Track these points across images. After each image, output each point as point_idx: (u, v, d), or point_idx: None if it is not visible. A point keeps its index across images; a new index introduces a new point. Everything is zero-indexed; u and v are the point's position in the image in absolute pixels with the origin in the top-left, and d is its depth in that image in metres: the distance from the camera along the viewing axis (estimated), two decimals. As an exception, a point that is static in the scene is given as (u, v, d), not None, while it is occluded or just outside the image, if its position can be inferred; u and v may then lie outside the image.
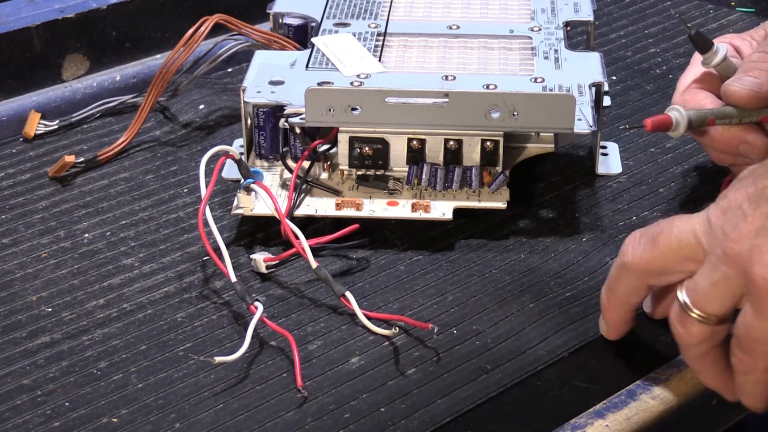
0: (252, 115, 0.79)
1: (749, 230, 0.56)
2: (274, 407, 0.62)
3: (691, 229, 0.59)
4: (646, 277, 0.62)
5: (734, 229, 0.56)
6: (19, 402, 0.62)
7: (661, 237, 0.60)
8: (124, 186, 0.82)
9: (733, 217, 0.57)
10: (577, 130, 0.75)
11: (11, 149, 0.86)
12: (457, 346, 0.66)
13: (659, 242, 0.60)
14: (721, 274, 0.57)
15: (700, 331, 0.59)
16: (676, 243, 0.59)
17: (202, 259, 0.73)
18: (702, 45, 0.76)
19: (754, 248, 0.55)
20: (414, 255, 0.74)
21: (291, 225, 0.70)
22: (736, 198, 0.57)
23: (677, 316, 0.59)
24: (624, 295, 0.63)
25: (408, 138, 0.76)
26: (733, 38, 0.82)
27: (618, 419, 0.61)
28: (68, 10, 0.93)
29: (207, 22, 0.84)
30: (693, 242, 0.59)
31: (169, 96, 0.89)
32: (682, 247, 0.59)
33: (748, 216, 0.56)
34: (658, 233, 0.60)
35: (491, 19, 0.87)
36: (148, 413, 0.61)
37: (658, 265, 0.60)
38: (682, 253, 0.59)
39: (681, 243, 0.59)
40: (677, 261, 0.60)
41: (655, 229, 0.61)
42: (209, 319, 0.68)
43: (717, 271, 0.57)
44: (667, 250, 0.60)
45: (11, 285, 0.72)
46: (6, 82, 0.91)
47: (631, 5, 1.07)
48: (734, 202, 0.57)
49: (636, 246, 0.61)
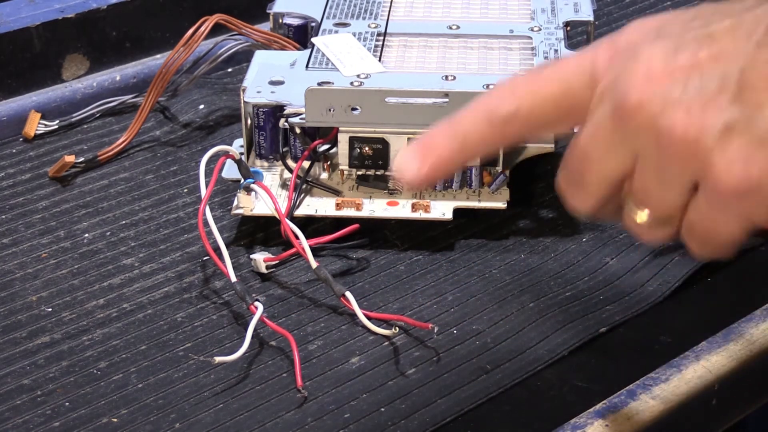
0: (252, 115, 0.79)
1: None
2: (274, 407, 0.62)
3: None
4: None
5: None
6: (19, 402, 0.62)
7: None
8: (124, 186, 0.82)
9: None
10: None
11: (11, 149, 0.86)
12: (457, 346, 0.66)
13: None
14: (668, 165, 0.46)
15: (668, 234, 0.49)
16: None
17: (202, 259, 0.73)
18: None
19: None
20: (414, 255, 0.74)
21: (291, 225, 0.70)
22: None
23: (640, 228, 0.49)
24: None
25: (408, 138, 0.76)
26: None
27: (618, 419, 0.61)
28: (68, 10, 0.93)
29: (207, 22, 0.84)
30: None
31: (169, 96, 0.89)
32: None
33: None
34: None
35: (491, 19, 0.87)
36: (148, 413, 0.61)
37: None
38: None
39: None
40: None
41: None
42: (209, 319, 0.68)
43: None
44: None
45: (11, 285, 0.72)
46: (6, 82, 0.91)
47: (631, 5, 1.07)
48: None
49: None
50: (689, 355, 0.65)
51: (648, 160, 0.46)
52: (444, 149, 0.50)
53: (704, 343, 0.66)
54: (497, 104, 0.49)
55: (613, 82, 0.47)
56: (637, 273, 0.71)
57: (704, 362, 0.64)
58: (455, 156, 0.50)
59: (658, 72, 0.45)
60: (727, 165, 0.44)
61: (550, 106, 0.49)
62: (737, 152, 0.44)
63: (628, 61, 0.46)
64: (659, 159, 0.46)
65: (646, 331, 0.67)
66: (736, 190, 0.44)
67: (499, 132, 0.50)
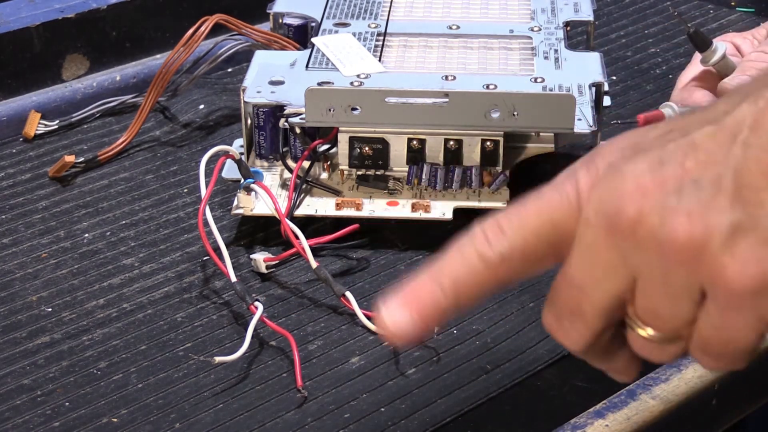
0: (252, 115, 0.79)
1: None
2: (274, 407, 0.62)
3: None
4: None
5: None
6: (19, 402, 0.62)
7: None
8: (124, 186, 0.82)
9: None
10: (577, 130, 0.75)
11: (11, 149, 0.86)
12: (457, 346, 0.66)
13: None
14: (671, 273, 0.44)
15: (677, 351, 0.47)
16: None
17: (202, 259, 0.73)
18: (700, 43, 0.76)
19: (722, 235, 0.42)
20: (414, 255, 0.74)
21: (291, 225, 0.70)
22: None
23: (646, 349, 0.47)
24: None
25: (408, 138, 0.76)
26: (735, 37, 0.82)
27: (618, 419, 0.61)
28: (68, 10, 0.93)
29: (207, 22, 0.84)
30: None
31: (169, 96, 0.89)
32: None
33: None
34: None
35: (491, 19, 0.87)
36: (148, 413, 0.61)
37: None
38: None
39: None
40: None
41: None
42: (209, 319, 0.68)
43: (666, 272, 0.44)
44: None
45: (11, 285, 0.72)
46: (6, 82, 0.91)
47: (631, 5, 1.07)
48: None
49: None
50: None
51: (651, 276, 0.44)
52: (434, 298, 0.47)
53: (704, 343, 0.65)
54: (487, 244, 0.47)
55: (600, 204, 0.45)
56: (637, 273, 0.71)
57: (704, 362, 0.64)
58: (448, 303, 0.47)
59: (648, 185, 0.43)
60: (739, 266, 0.42)
61: (540, 240, 0.47)
62: (748, 252, 0.42)
63: (612, 181, 0.44)
64: (664, 271, 0.44)
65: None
66: (752, 290, 0.42)
67: (493, 273, 0.47)
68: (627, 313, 0.46)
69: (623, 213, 0.44)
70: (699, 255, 0.43)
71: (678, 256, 0.43)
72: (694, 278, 0.43)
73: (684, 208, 0.43)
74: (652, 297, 0.44)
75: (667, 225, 0.43)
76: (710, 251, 0.42)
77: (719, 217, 0.42)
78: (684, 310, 0.44)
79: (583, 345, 0.47)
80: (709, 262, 0.43)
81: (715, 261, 0.42)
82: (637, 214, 0.43)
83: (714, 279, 0.43)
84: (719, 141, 0.43)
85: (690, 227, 0.42)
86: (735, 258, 0.42)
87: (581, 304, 0.46)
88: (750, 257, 0.42)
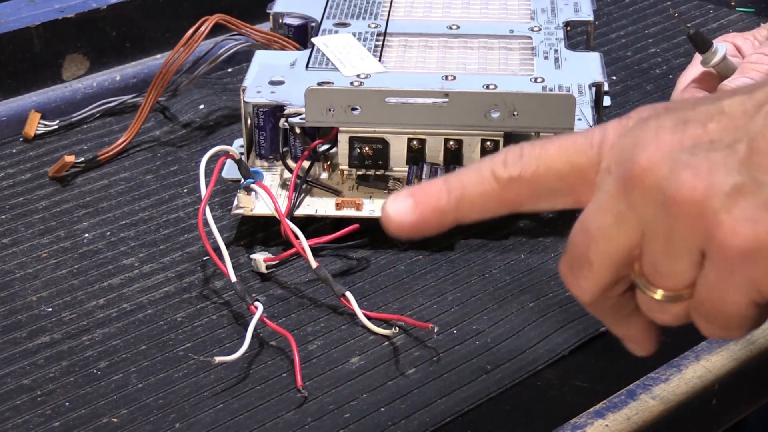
0: (252, 115, 0.79)
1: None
2: (274, 407, 0.62)
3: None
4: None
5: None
6: (19, 402, 0.62)
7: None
8: (124, 186, 0.82)
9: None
10: (577, 130, 0.75)
11: (11, 149, 0.86)
12: (457, 346, 0.66)
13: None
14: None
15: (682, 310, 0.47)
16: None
17: (202, 259, 0.73)
18: (701, 44, 0.76)
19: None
20: (414, 255, 0.74)
21: (291, 225, 0.70)
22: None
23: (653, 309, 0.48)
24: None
25: (408, 138, 0.76)
26: (736, 37, 0.82)
27: (618, 419, 0.61)
28: (68, 10, 0.93)
29: (207, 22, 0.84)
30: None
31: (169, 96, 0.89)
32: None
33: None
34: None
35: (491, 19, 0.87)
36: (148, 413, 0.61)
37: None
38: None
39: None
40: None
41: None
42: (209, 319, 0.68)
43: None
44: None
45: (11, 285, 0.72)
46: (6, 82, 0.91)
47: (631, 5, 1.07)
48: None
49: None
50: (689, 355, 0.65)
51: (656, 230, 0.45)
52: (439, 198, 0.48)
53: (704, 343, 0.66)
54: (503, 164, 0.48)
55: (619, 152, 0.46)
56: (637, 273, 0.71)
57: (704, 362, 0.64)
58: (450, 207, 0.48)
59: (666, 140, 0.45)
60: (734, 224, 0.43)
61: (555, 176, 0.48)
62: (745, 212, 0.43)
63: (636, 133, 0.46)
64: (667, 226, 0.45)
65: (646, 331, 0.67)
66: (743, 251, 0.43)
67: (500, 191, 0.49)
68: (634, 270, 0.46)
69: (636, 162, 0.45)
70: (699, 211, 0.44)
71: (680, 209, 0.44)
72: (694, 235, 0.44)
73: (693, 164, 0.44)
74: (656, 252, 0.45)
75: (673, 178, 0.44)
76: (710, 208, 0.43)
77: (724, 177, 0.43)
78: (684, 268, 0.45)
79: (591, 296, 0.47)
80: (707, 220, 0.43)
81: (713, 218, 0.43)
82: (647, 163, 0.44)
83: (710, 237, 0.44)
84: (745, 109, 0.44)
85: (694, 183, 0.43)
86: (731, 216, 0.43)
87: (590, 252, 0.47)
88: (746, 218, 0.43)
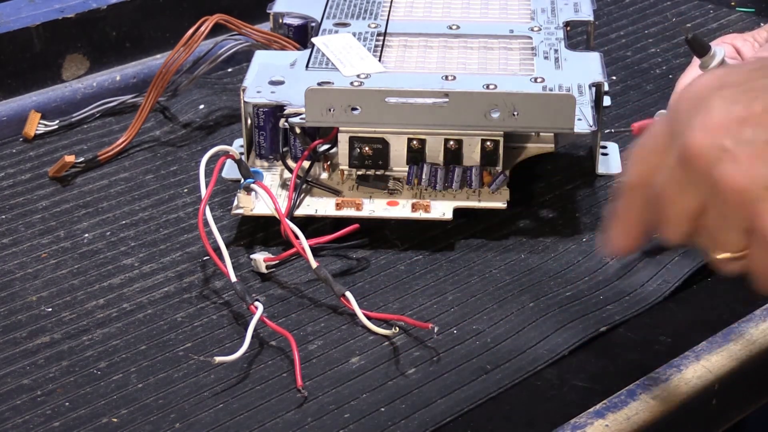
0: (252, 115, 0.79)
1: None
2: (274, 407, 0.62)
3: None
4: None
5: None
6: (19, 402, 0.62)
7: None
8: (124, 186, 0.82)
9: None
10: (577, 130, 0.75)
11: (11, 149, 0.86)
12: (457, 346, 0.66)
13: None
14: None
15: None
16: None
17: (202, 259, 0.73)
18: (699, 48, 0.76)
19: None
20: (414, 255, 0.74)
21: (291, 225, 0.70)
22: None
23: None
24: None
25: (408, 138, 0.76)
26: (735, 39, 0.82)
27: (618, 419, 0.61)
28: (68, 10, 0.93)
29: (207, 22, 0.84)
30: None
31: (169, 96, 0.89)
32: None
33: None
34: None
35: (491, 19, 0.87)
36: (148, 413, 0.61)
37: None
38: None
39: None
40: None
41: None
42: (209, 319, 0.68)
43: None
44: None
45: (11, 285, 0.72)
46: (6, 82, 0.91)
47: (631, 5, 1.07)
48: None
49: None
50: (689, 355, 0.65)
51: (711, 204, 0.50)
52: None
53: (704, 343, 0.66)
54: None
55: (679, 130, 0.51)
56: (637, 273, 0.71)
57: (704, 362, 0.64)
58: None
59: (715, 123, 0.49)
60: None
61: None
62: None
63: (693, 111, 0.50)
64: (718, 205, 0.50)
65: (646, 331, 0.67)
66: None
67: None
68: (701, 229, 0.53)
69: (688, 146, 0.50)
70: (742, 199, 0.48)
71: (726, 195, 0.49)
72: (739, 217, 0.49)
73: (736, 154, 0.48)
74: (712, 222, 0.51)
75: (717, 168, 0.49)
76: (750, 198, 0.48)
77: (764, 167, 0.48)
78: (736, 240, 0.51)
79: (679, 242, 0.54)
80: (749, 207, 0.48)
81: (754, 207, 0.48)
82: (698, 149, 0.49)
83: (753, 223, 0.49)
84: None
85: (736, 173, 0.48)
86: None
87: (666, 210, 0.53)
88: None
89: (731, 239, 0.51)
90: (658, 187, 0.53)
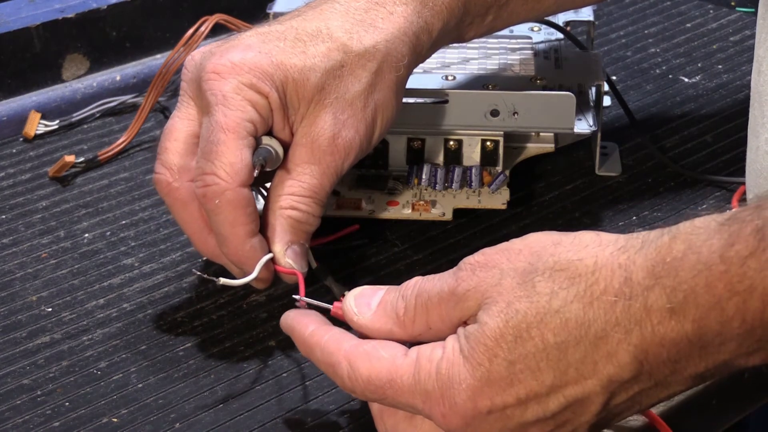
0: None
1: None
2: (274, 407, 0.62)
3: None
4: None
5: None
6: (19, 402, 0.62)
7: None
8: (124, 186, 0.82)
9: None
10: (577, 130, 0.75)
11: (11, 149, 0.86)
12: (457, 346, 0.65)
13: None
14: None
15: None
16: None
17: (202, 259, 0.73)
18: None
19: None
20: (414, 255, 0.74)
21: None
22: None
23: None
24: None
25: (408, 138, 0.76)
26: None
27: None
28: (68, 10, 0.93)
29: (207, 22, 0.84)
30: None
31: (169, 96, 0.89)
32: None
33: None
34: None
35: (491, 19, 0.87)
36: (148, 413, 0.61)
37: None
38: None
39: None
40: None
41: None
42: (209, 319, 0.68)
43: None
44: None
45: (11, 285, 0.72)
46: (6, 82, 0.91)
47: (631, 5, 1.07)
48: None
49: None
50: (689, 355, 0.65)
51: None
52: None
53: (704, 343, 0.65)
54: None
55: (428, 393, 0.52)
56: (637, 273, 0.71)
57: (704, 362, 0.64)
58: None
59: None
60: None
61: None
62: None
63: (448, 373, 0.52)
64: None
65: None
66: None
67: None
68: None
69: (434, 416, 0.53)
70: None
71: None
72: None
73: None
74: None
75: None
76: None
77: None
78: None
79: None
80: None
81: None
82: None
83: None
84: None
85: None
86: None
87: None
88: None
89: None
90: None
